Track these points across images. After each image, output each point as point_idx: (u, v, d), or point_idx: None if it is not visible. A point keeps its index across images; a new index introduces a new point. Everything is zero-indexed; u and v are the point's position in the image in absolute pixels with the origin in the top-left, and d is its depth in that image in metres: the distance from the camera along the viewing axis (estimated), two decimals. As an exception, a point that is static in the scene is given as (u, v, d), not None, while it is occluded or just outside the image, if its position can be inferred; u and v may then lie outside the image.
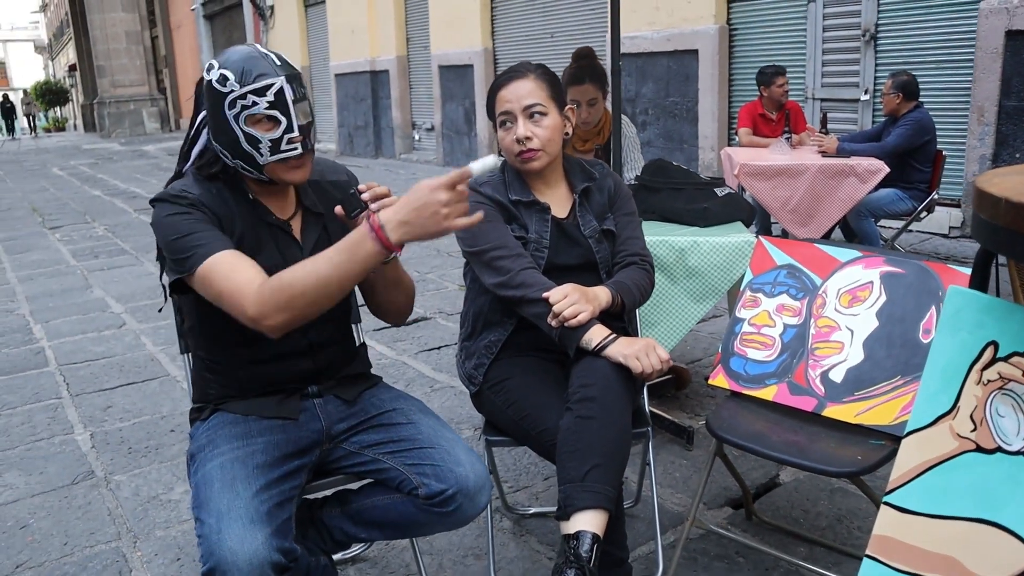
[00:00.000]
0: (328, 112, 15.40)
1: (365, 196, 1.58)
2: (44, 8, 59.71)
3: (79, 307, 5.22)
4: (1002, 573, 1.12)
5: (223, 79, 1.57)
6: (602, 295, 1.92)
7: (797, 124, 5.66)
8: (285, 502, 1.54)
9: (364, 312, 1.99)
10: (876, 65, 6.53)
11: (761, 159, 4.91)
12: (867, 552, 1.31)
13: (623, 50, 8.48)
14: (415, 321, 4.61)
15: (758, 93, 5.81)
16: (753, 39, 7.50)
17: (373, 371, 1.96)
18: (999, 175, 1.22)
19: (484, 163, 1.44)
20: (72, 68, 42.18)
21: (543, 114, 1.97)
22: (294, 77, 1.61)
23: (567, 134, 2.07)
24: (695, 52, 7.72)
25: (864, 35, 6.58)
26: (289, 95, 1.58)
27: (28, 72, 74.76)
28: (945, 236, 5.99)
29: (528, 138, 1.95)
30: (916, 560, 1.23)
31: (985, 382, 1.18)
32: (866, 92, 6.63)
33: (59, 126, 47.14)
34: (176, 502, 2.66)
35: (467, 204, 1.43)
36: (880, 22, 6.48)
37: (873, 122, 6.42)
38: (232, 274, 1.51)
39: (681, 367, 3.38)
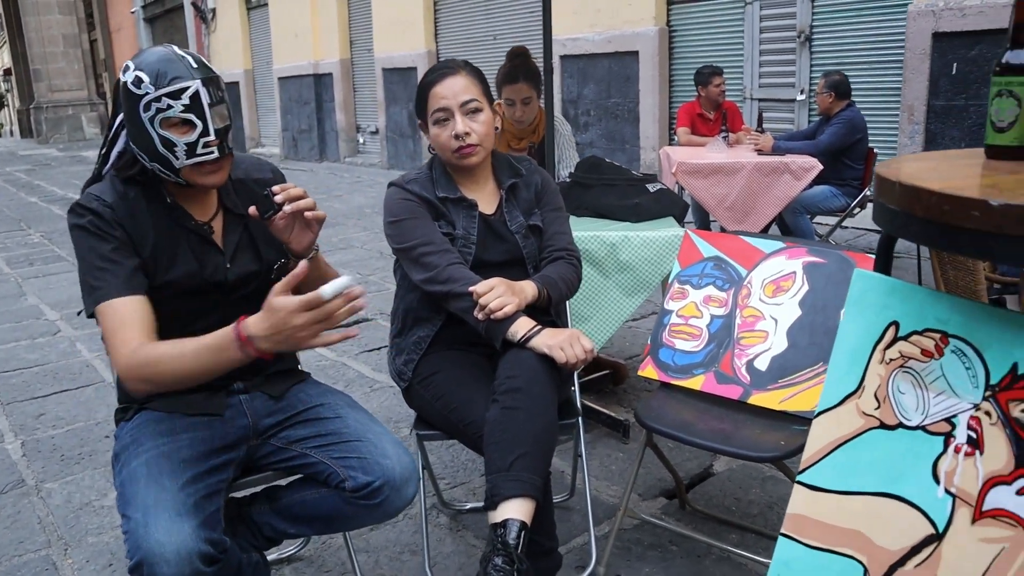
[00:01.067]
0: (272, 116, 15.22)
1: (279, 198, 1.58)
2: (-24, 10, 57.88)
3: (12, 315, 5.08)
4: (903, 543, 1.16)
5: (138, 81, 1.55)
6: (528, 289, 1.93)
7: (734, 123, 5.77)
8: (212, 495, 1.53)
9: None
10: (811, 65, 6.69)
11: (698, 157, 4.99)
12: (782, 531, 1.35)
13: (565, 52, 8.57)
14: (356, 323, 4.59)
15: (696, 93, 5.91)
16: (692, 40, 7.62)
17: (314, 374, 1.95)
18: (898, 162, 1.27)
19: (336, 285, 1.39)
20: (7, 72, 40.94)
21: (479, 110, 1.98)
22: (211, 80, 1.59)
23: (496, 129, 2.09)
24: (635, 53, 7.81)
25: (799, 36, 6.73)
26: (205, 98, 1.56)
27: (-40, 76, 72.38)
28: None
29: (467, 133, 1.96)
30: (827, 536, 1.27)
31: (887, 361, 1.23)
32: (802, 92, 6.79)
33: (-6, 132, 45.71)
34: (109, 508, 2.61)
35: (330, 322, 1.41)
36: (815, 24, 6.64)
37: (809, 121, 6.57)
38: (116, 328, 1.53)
39: (619, 363, 3.42)
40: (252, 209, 1.61)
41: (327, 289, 1.39)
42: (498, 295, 1.81)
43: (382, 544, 2.35)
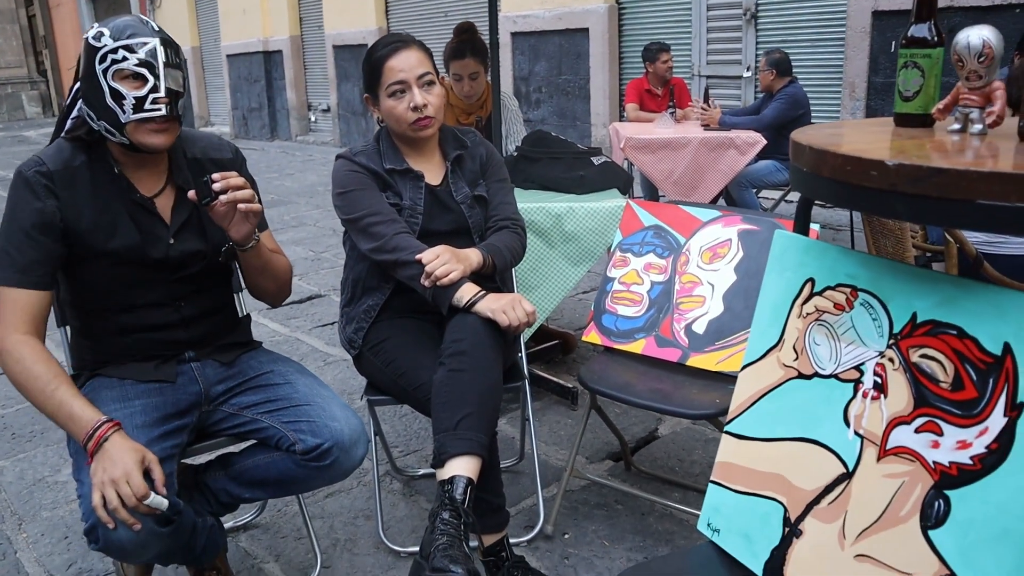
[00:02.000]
0: (221, 94, 14.98)
1: (217, 186, 1.60)
2: (-93, -15, 55.69)
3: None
4: (818, 483, 1.25)
5: (99, 35, 1.58)
6: (473, 256, 1.99)
7: (682, 99, 5.86)
8: (166, 459, 1.57)
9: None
10: (757, 43, 6.82)
11: (646, 133, 5.08)
12: (711, 478, 1.44)
13: (516, 29, 8.59)
14: (309, 298, 4.61)
15: (644, 70, 5.99)
16: (641, 18, 7.70)
17: (267, 347, 1.98)
18: (813, 129, 1.36)
19: (158, 501, 1.46)
20: (-59, 49, 39.50)
21: (432, 83, 2.03)
22: (170, 43, 1.62)
23: (444, 102, 2.14)
24: (586, 31, 7.87)
25: (745, 15, 6.85)
26: (160, 56, 1.59)
27: None
28: (822, 206, 6.32)
29: (424, 105, 2.01)
30: (751, 480, 1.36)
31: (804, 315, 1.31)
32: (748, 69, 6.91)
33: (-71, 111, 44.12)
34: (63, 483, 2.62)
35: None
36: (760, 2, 6.76)
37: (755, 97, 6.70)
38: (2, 315, 1.59)
39: (568, 333, 3.51)
40: (191, 193, 1.63)
41: (153, 500, 1.44)
42: (444, 262, 1.87)
43: (336, 510, 2.41)
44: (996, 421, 1.03)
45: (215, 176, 1.61)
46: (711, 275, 2.20)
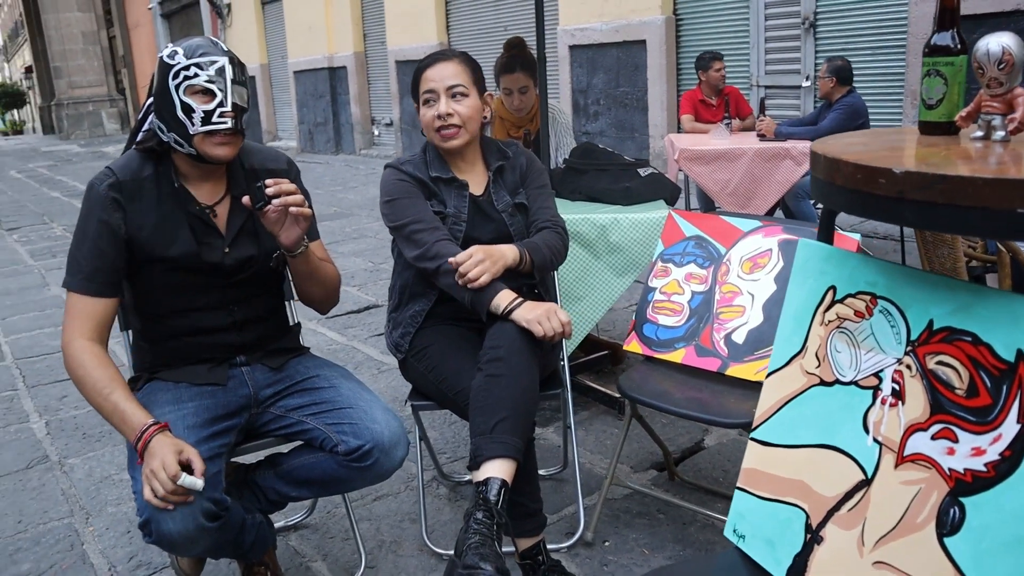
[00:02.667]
0: (288, 109, 15.39)
1: (270, 191, 1.69)
2: (-2, 9, 58.56)
3: (36, 304, 5.26)
4: (838, 490, 1.27)
5: (173, 54, 1.71)
6: (508, 253, 2.02)
7: (739, 108, 5.83)
8: (215, 458, 1.66)
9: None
10: (816, 52, 6.73)
11: (700, 144, 5.07)
12: (737, 485, 1.45)
13: (574, 42, 8.65)
14: (367, 308, 4.73)
15: (697, 80, 5.98)
16: (699, 28, 7.67)
17: (325, 356, 2.07)
18: (834, 139, 1.37)
19: (191, 481, 1.52)
20: (28, 70, 41.44)
21: (464, 95, 2.09)
22: (237, 63, 1.74)
23: (485, 118, 2.20)
24: (643, 42, 7.88)
25: (804, 23, 6.77)
26: (229, 74, 1.71)
27: (-17, 75, 73.32)
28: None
29: (450, 114, 2.08)
30: (775, 487, 1.38)
31: (826, 322, 1.33)
32: (807, 78, 6.83)
33: (17, 129, 46.34)
34: (128, 481, 2.75)
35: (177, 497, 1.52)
36: (818, 10, 6.68)
37: (814, 107, 6.61)
38: (67, 315, 1.73)
39: (618, 344, 3.53)
40: (245, 199, 1.72)
41: (185, 480, 1.52)
42: (475, 263, 1.92)
43: (384, 513, 2.48)
44: (1010, 428, 1.04)
45: (268, 182, 1.70)
46: (751, 285, 2.21)
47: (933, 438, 1.13)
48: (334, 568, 2.23)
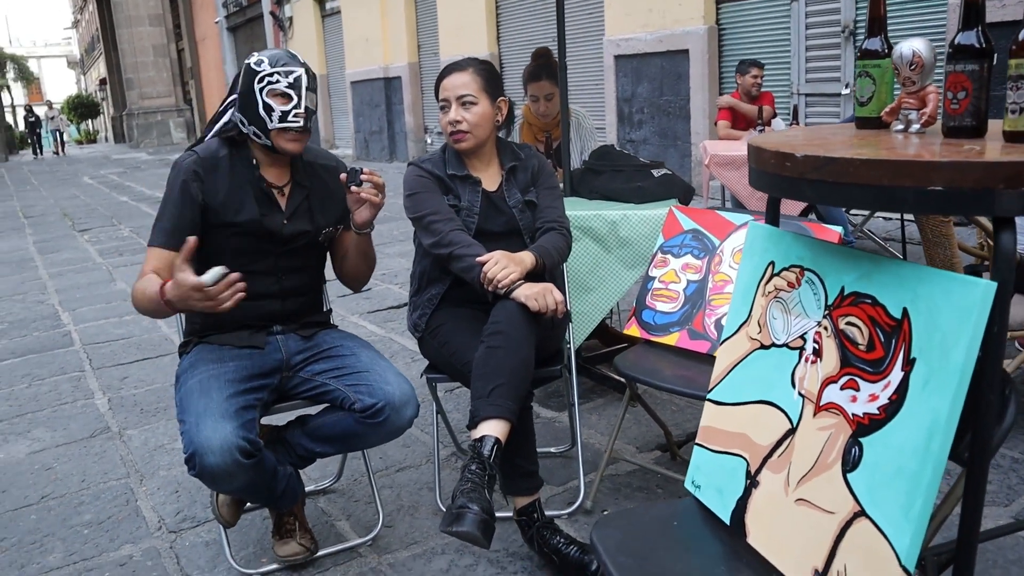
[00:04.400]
0: (345, 118, 15.88)
1: (364, 177, 2.03)
2: (76, 24, 61.18)
3: (103, 297, 5.66)
4: (771, 439, 1.44)
5: (259, 62, 2.05)
6: (527, 259, 2.25)
7: (763, 108, 5.95)
8: (249, 407, 1.93)
9: (365, 298, 2.36)
10: (856, 60, 6.80)
11: (731, 150, 5.21)
12: (695, 441, 1.64)
13: (619, 52, 8.86)
14: (405, 304, 4.98)
15: (735, 85, 6.12)
16: (740, 38, 7.80)
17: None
18: (776, 134, 1.56)
19: (213, 274, 1.77)
20: (103, 82, 43.21)
21: (473, 103, 2.32)
22: (311, 74, 2.09)
23: (498, 122, 2.42)
24: (686, 52, 8.03)
25: (844, 31, 6.86)
26: (304, 82, 2.05)
27: (61, 87, 76.59)
28: (912, 221, 6.24)
29: (458, 121, 2.31)
30: (723, 440, 1.56)
31: (766, 293, 1.51)
32: (847, 86, 6.90)
33: (91, 138, 48.28)
34: (178, 450, 3.02)
35: (216, 301, 1.78)
36: (858, 19, 6.76)
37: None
38: (144, 268, 2.01)
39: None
40: (342, 176, 2.05)
41: (207, 277, 1.77)
42: (503, 267, 2.14)
43: (405, 482, 2.71)
44: (896, 375, 1.21)
45: (366, 170, 2.04)
46: (741, 274, 2.38)
47: (841, 388, 1.31)
48: (356, 527, 2.46)
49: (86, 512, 2.63)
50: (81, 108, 45.86)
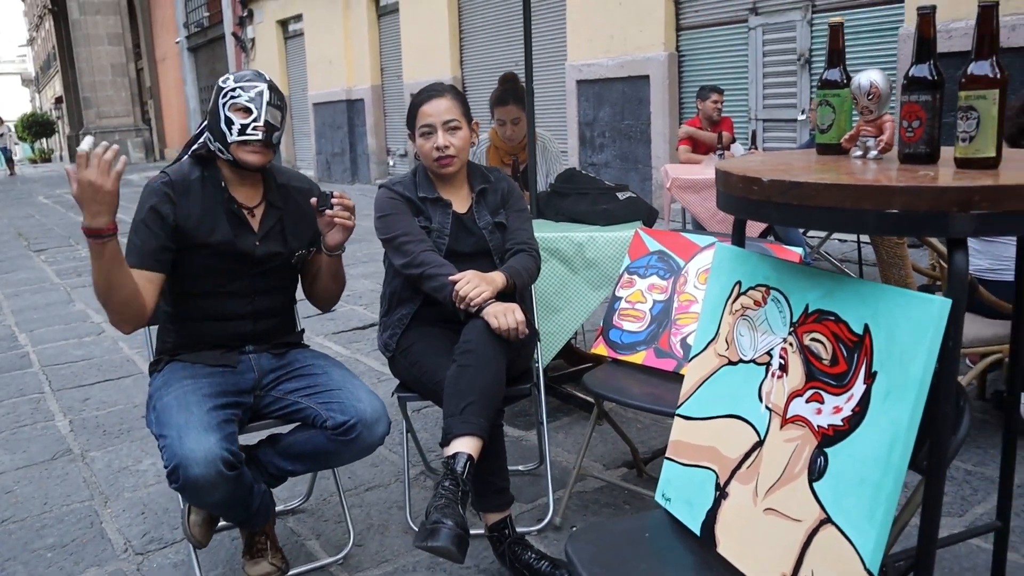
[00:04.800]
0: (307, 140, 15.85)
1: (335, 200, 2.06)
2: (31, 42, 60.24)
3: (62, 318, 5.57)
4: (740, 451, 1.49)
5: (226, 80, 2.09)
6: (498, 279, 2.30)
7: (723, 133, 6.09)
8: (229, 421, 1.95)
9: (330, 319, 2.38)
10: (811, 87, 7.00)
11: (692, 173, 5.33)
12: (666, 455, 1.69)
13: (581, 77, 8.99)
14: (371, 325, 4.99)
15: (696, 110, 6.26)
16: (700, 65, 7.98)
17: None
18: (742, 159, 1.62)
19: (85, 143, 1.80)
20: (58, 100, 42.54)
21: (458, 128, 2.37)
22: (276, 90, 2.10)
23: (473, 143, 2.48)
24: (647, 77, 8.19)
25: (799, 60, 7.06)
26: (266, 96, 2.06)
27: (15, 105, 75.24)
28: (867, 243, 6.42)
29: (447, 147, 2.35)
30: (693, 453, 1.61)
31: (734, 312, 1.57)
32: (803, 112, 7.09)
33: (45, 157, 47.39)
34: (143, 471, 3.01)
35: (99, 166, 1.79)
36: (813, 47, 6.97)
37: (810, 137, 6.87)
38: None
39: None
40: (313, 200, 2.09)
41: (81, 147, 1.79)
42: (474, 286, 2.18)
43: (374, 501, 2.72)
44: (858, 388, 1.27)
45: (336, 193, 2.07)
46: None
47: (807, 401, 1.37)
48: (326, 546, 2.46)
49: (49, 535, 2.59)
50: (36, 126, 45.03)
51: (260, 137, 2.05)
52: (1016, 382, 1.65)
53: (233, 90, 2.05)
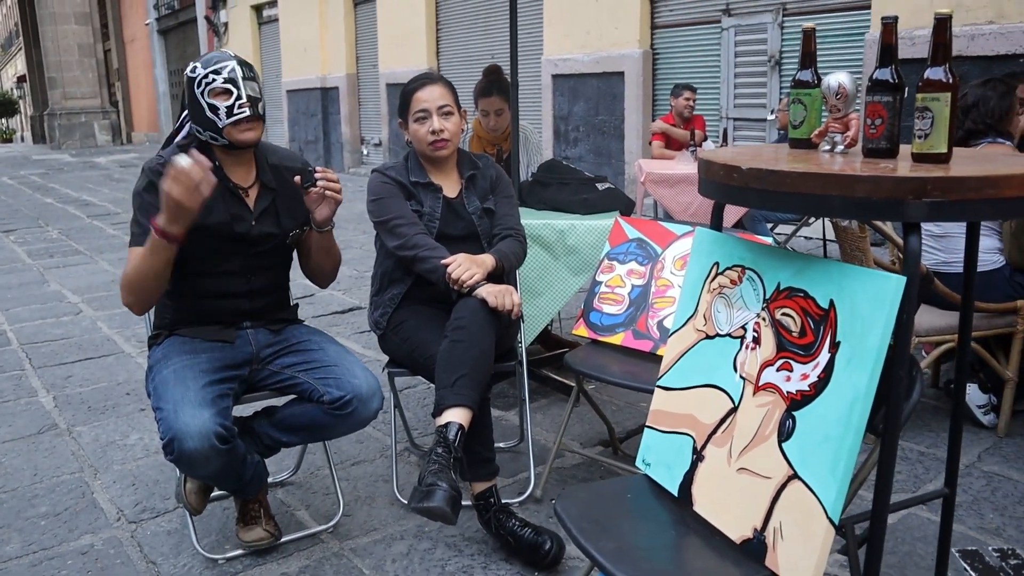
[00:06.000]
0: (279, 127, 15.78)
1: (317, 176, 2.11)
2: (-8, 20, 58.83)
3: (37, 298, 5.58)
4: (715, 417, 1.63)
5: (194, 69, 2.12)
6: (488, 261, 2.41)
7: (694, 129, 6.25)
8: (224, 396, 2.03)
9: (310, 303, 2.47)
10: (781, 87, 7.19)
11: (666, 169, 5.48)
12: (646, 424, 1.82)
13: (556, 72, 9.10)
14: (351, 310, 5.09)
15: (669, 107, 6.42)
16: (673, 63, 8.14)
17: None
18: (725, 151, 1.76)
19: (182, 159, 1.90)
20: (21, 79, 41.70)
21: (451, 113, 2.49)
22: (245, 64, 2.15)
23: (463, 131, 2.59)
24: (621, 74, 8.33)
25: (770, 61, 7.24)
26: (239, 72, 2.11)
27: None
28: (832, 241, 6.63)
29: (442, 130, 2.46)
30: (672, 421, 1.75)
31: (711, 290, 1.70)
32: (772, 112, 7.28)
33: (6, 138, 46.46)
34: (132, 445, 3.09)
35: (187, 179, 1.88)
36: (784, 49, 7.15)
37: (778, 135, 7.06)
38: (127, 267, 2.06)
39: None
40: (297, 178, 2.14)
41: (179, 163, 1.88)
42: (466, 268, 2.29)
43: (361, 475, 2.83)
44: (824, 357, 1.41)
45: (319, 168, 2.12)
46: (681, 279, 2.58)
47: (777, 370, 1.51)
48: (316, 515, 2.57)
49: (41, 504, 2.66)
50: (-3, 106, 44.12)
51: (248, 113, 2.09)
52: (963, 370, 1.81)
53: (206, 76, 2.07)
